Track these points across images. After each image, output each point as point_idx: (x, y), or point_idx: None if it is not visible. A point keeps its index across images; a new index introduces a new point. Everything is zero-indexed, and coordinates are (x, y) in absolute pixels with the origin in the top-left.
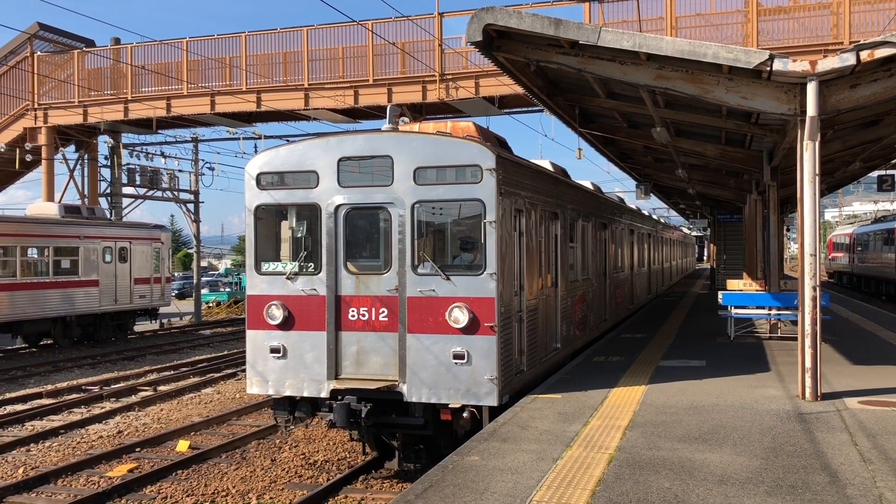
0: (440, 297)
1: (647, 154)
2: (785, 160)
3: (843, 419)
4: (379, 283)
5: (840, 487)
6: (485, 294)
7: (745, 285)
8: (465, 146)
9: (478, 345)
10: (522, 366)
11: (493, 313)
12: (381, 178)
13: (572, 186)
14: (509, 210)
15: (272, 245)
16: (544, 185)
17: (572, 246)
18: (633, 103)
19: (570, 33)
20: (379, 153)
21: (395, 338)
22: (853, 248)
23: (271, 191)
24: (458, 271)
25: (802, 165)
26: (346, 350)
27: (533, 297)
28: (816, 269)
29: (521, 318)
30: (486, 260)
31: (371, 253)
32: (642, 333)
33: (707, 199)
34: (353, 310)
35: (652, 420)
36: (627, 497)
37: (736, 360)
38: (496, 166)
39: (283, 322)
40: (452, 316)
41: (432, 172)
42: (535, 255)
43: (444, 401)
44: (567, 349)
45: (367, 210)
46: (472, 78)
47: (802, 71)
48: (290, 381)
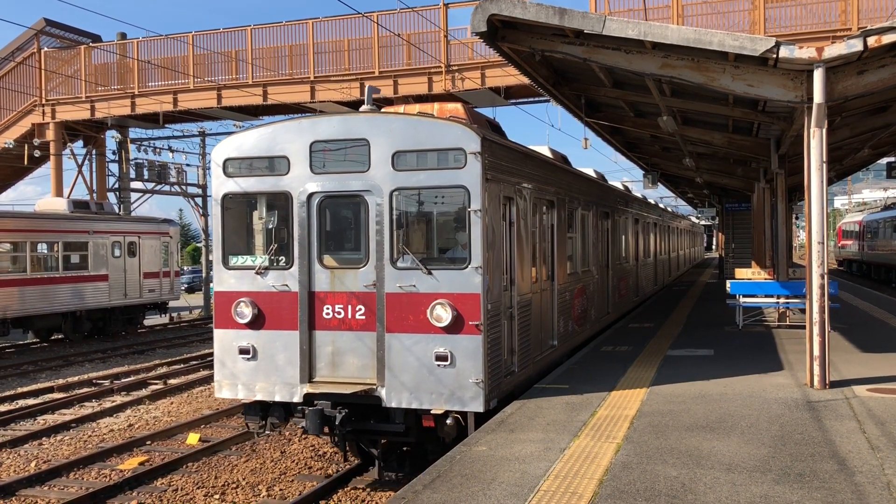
0: (421, 293)
1: (653, 143)
2: (792, 148)
3: (852, 407)
4: (355, 279)
5: (848, 475)
6: (469, 290)
7: (754, 274)
8: (447, 128)
9: (462, 345)
10: (513, 366)
11: (479, 310)
12: (357, 163)
13: (571, 173)
14: (497, 197)
15: (241, 237)
16: (538, 171)
17: (571, 236)
18: (639, 92)
19: (575, 22)
20: (354, 136)
21: (373, 337)
22: (863, 235)
23: (239, 178)
24: (441, 265)
25: (810, 153)
26: (320, 351)
27: (526, 292)
28: (824, 257)
29: (512, 315)
30: (470, 252)
31: (347, 245)
32: (650, 323)
33: (715, 187)
34: (328, 307)
35: (660, 409)
36: (635, 486)
37: (744, 348)
38: (481, 149)
39: (252, 320)
40: (434, 314)
41: (412, 157)
42: (527, 246)
43: (425, 406)
44: (565, 346)
45: (342, 198)
46: (478, 69)
47: (809, 58)
48: (261, 385)
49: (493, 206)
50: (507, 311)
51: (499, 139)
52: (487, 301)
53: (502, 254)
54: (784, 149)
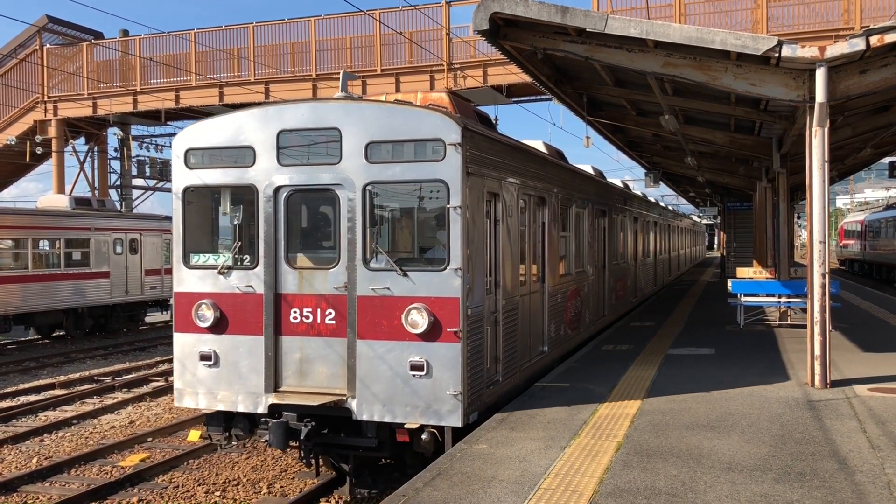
0: (396, 296)
1: (655, 142)
2: (794, 147)
3: (853, 406)
4: (325, 280)
5: (849, 474)
6: (448, 293)
7: (755, 273)
8: (424, 116)
9: (439, 353)
10: (497, 375)
11: (458, 316)
12: (328, 154)
13: (564, 168)
14: (481, 193)
15: (204, 234)
16: (527, 166)
17: (564, 235)
18: (641, 91)
19: (577, 21)
20: (325, 125)
21: (344, 344)
22: (864, 235)
23: (201, 170)
24: (418, 266)
25: (811, 152)
26: (287, 358)
27: (513, 295)
28: (826, 257)
29: (497, 321)
30: (449, 253)
31: (317, 244)
32: (651, 322)
33: (717, 186)
34: (296, 311)
35: (660, 408)
36: (635, 484)
37: (745, 347)
38: (462, 140)
39: (214, 324)
40: (409, 319)
41: (387, 148)
42: (515, 245)
43: (399, 420)
44: (557, 351)
45: (311, 193)
46: (479, 67)
47: (811, 57)
48: (224, 394)
49: (476, 203)
50: (490, 316)
51: (483, 130)
52: (468, 305)
53: (486, 254)
54: (786, 148)
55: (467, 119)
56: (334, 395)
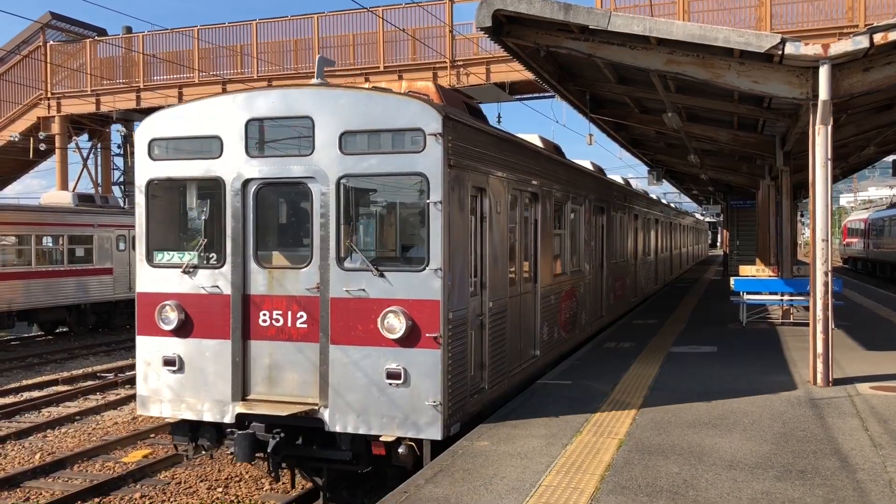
0: (371, 298)
1: (658, 140)
2: (798, 145)
3: (855, 404)
4: (297, 280)
5: (850, 472)
6: (427, 295)
7: (758, 271)
8: (402, 104)
9: (418, 360)
10: (483, 383)
11: (438, 320)
12: (300, 145)
13: (558, 163)
14: (464, 187)
15: (169, 230)
16: (518, 159)
17: (559, 233)
18: (644, 88)
19: (580, 18)
20: (296, 113)
21: (316, 349)
22: (868, 233)
23: (165, 162)
24: (395, 266)
25: (815, 150)
26: (255, 363)
27: (501, 297)
28: (828, 255)
29: (483, 324)
30: (429, 252)
31: (288, 241)
32: (654, 320)
33: (720, 184)
34: (265, 313)
35: (662, 405)
36: (636, 482)
37: (748, 346)
38: (443, 130)
39: (178, 327)
40: (386, 323)
41: (363, 138)
42: (504, 244)
43: (374, 431)
44: (550, 355)
45: (282, 186)
46: (483, 64)
47: (814, 54)
48: (189, 402)
49: (459, 198)
50: (475, 320)
51: (467, 120)
52: (449, 309)
53: (470, 253)
54: (789, 146)
55: (452, 109)
56: (305, 404)
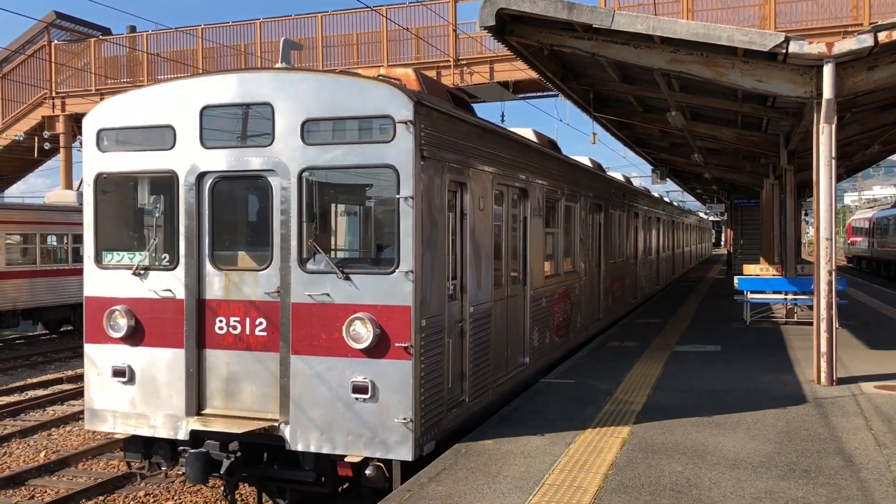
0: (336, 304)
1: (662, 138)
2: (802, 144)
3: (859, 403)
4: (256, 284)
5: (854, 471)
6: (397, 301)
7: (762, 270)
8: (370, 88)
9: (387, 372)
10: (463, 395)
11: (409, 328)
12: (259, 135)
13: (552, 157)
14: (441, 181)
15: (120, 229)
16: (505, 153)
17: (551, 231)
18: (647, 87)
19: (584, 17)
20: (255, 100)
21: (276, 360)
22: (873, 232)
23: (115, 154)
24: (362, 268)
25: (819, 149)
26: (211, 375)
27: (485, 300)
28: (832, 253)
29: (463, 331)
30: (399, 252)
31: (246, 241)
32: (657, 318)
33: (724, 183)
34: (222, 319)
35: (666, 404)
36: (640, 481)
37: (751, 345)
38: (414, 117)
39: (129, 334)
40: (352, 331)
41: (326, 127)
42: (487, 243)
43: (339, 450)
44: (540, 362)
45: (240, 180)
46: (486, 63)
47: (819, 53)
48: (141, 416)
49: (434, 193)
50: (455, 326)
51: (443, 107)
52: (422, 315)
53: (448, 254)
54: (793, 145)
55: (427, 95)
56: (265, 420)
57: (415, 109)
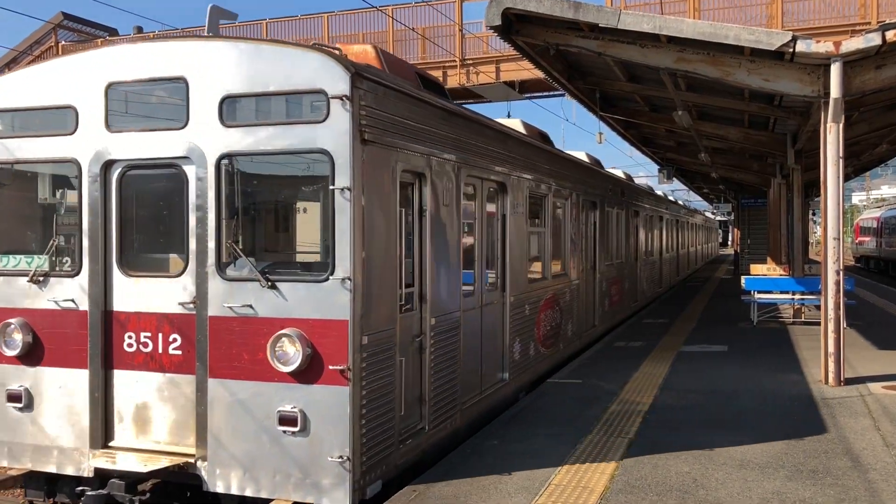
0: (260, 317)
1: (669, 138)
2: (809, 143)
3: (867, 404)
4: (170, 293)
5: (862, 472)
6: (331, 314)
7: (769, 270)
8: (298, 58)
9: (319, 401)
10: (422, 422)
11: (346, 347)
12: (172, 115)
13: (537, 149)
14: (390, 172)
15: (15, 228)
16: (478, 141)
17: (537, 231)
18: (654, 87)
19: (590, 16)
20: (168, 74)
21: (193, 383)
22: (881, 231)
23: (10, 141)
24: (291, 274)
25: (826, 148)
26: (120, 400)
27: (450, 310)
28: (840, 253)
29: (423, 346)
30: (334, 256)
31: (159, 242)
32: (664, 318)
33: (730, 183)
34: (132, 335)
35: (672, 405)
36: (646, 481)
37: (758, 345)
38: (351, 92)
39: (25, 352)
40: (278, 351)
41: (249, 105)
42: (453, 245)
43: (265, 493)
44: (524, 376)
45: (152, 170)
46: (492, 62)
47: (826, 52)
48: (39, 450)
49: (381, 184)
50: (411, 342)
51: (394, 81)
52: (363, 331)
53: (399, 257)
54: (800, 144)
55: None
56: (180, 454)
57: (352, 82)
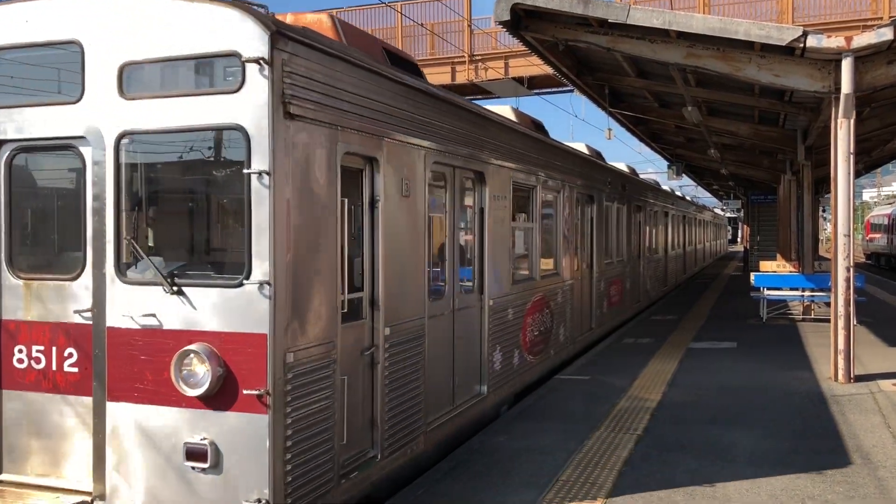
0: (165, 329)
1: (678, 134)
2: (819, 139)
3: (877, 401)
4: (64, 298)
5: (872, 469)
6: (247, 326)
7: (779, 266)
8: (207, 13)
9: (233, 430)
10: (374, 450)
11: (264, 366)
12: (66, 86)
13: (522, 136)
14: (328, 154)
15: None
16: (447, 123)
17: (525, 227)
18: (663, 82)
19: (599, 12)
20: (59, 37)
21: (90, 407)
22: (892, 228)
23: None
24: (200, 278)
25: (837, 144)
26: (9, 426)
27: (410, 318)
28: (850, 250)
29: (374, 361)
30: (250, 255)
31: (55, 239)
32: (673, 315)
33: (740, 179)
34: (22, 349)
35: (681, 401)
36: (654, 477)
37: (768, 341)
38: (271, 55)
39: None
40: (184, 370)
41: (152, 72)
42: (415, 241)
43: None
44: (507, 388)
45: (45, 153)
46: (501, 58)
47: (837, 47)
48: None
49: (317, 169)
50: (360, 357)
51: (332, 45)
52: (289, 346)
53: (340, 256)
54: (811, 140)
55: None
56: (75, 492)
57: (272, 43)
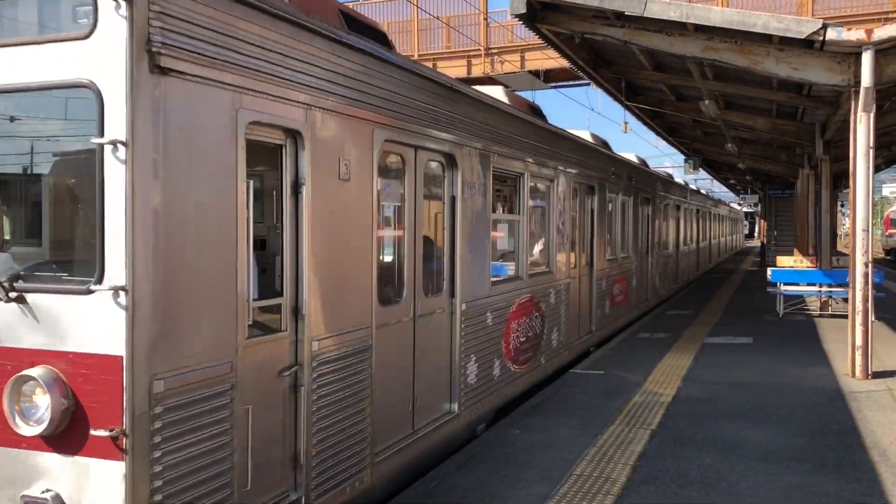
0: (2, 347)
1: (695, 128)
2: (838, 133)
3: (895, 398)
4: None
5: (889, 466)
6: (96, 345)
7: (796, 262)
8: None
9: (83, 481)
10: (297, 492)
11: (119, 398)
12: None
13: (504, 115)
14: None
15: None
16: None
17: (507, 220)
18: (680, 75)
19: (616, 4)
20: None
21: None
22: None
23: None
24: (43, 282)
25: (856, 138)
26: None
27: (353, 327)
28: (869, 245)
29: (298, 384)
30: (102, 253)
31: None
32: (689, 310)
33: (758, 173)
34: None
35: (696, 397)
36: (668, 473)
37: (784, 337)
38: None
39: None
40: (21, 401)
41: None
42: (359, 236)
43: None
44: (483, 405)
45: None
46: (517, 51)
47: (857, 40)
48: None
49: (205, 141)
50: (276, 379)
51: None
52: (158, 370)
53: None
54: (829, 134)
55: None
56: None
57: None
